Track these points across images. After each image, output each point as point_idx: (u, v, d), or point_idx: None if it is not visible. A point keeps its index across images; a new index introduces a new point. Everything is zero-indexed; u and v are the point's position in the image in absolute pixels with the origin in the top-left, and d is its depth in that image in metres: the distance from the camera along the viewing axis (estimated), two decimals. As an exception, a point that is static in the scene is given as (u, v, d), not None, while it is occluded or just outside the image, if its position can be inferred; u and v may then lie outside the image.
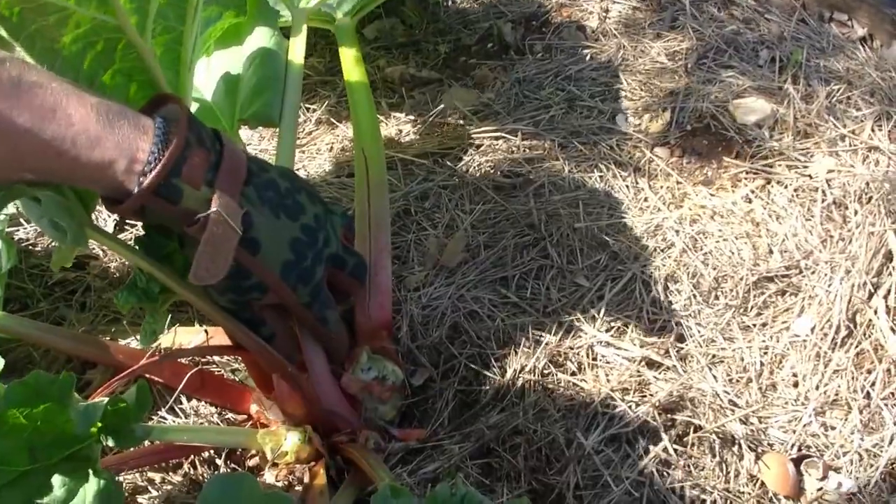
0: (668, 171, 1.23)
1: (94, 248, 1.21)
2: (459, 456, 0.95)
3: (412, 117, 1.35)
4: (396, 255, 1.13)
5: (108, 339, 1.09)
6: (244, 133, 1.38)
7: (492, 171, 1.22)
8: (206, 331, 1.03)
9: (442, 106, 1.35)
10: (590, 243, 1.12)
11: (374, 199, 1.05)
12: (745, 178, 1.22)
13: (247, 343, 0.91)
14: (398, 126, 1.34)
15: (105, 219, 1.24)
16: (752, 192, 1.19)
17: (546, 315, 1.06)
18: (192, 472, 0.97)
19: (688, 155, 1.27)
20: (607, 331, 1.04)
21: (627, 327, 1.05)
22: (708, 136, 1.29)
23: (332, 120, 1.38)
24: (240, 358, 1.03)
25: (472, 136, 1.28)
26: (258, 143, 1.39)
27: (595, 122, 1.30)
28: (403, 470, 0.95)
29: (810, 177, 1.22)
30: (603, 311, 1.06)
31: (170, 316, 1.07)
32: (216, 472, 0.96)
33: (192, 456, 0.98)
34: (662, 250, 1.12)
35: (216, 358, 1.07)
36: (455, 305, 1.07)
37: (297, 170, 1.29)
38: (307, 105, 1.42)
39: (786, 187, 1.20)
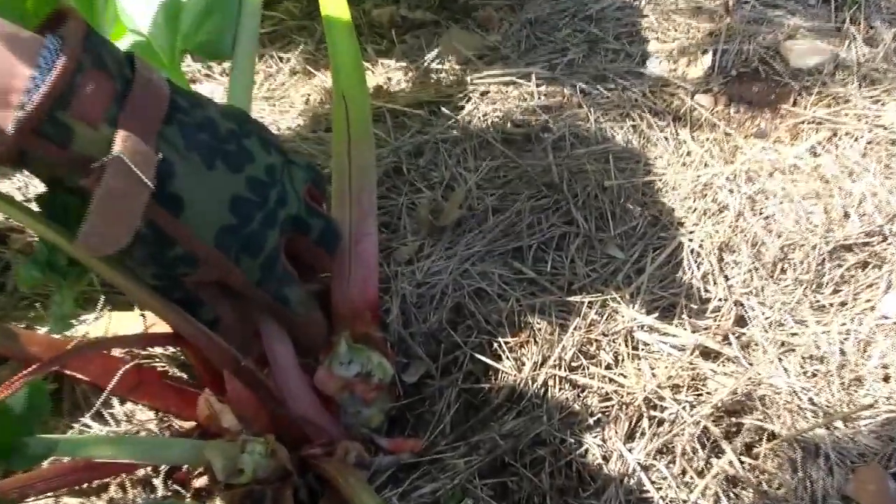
0: (713, 120, 1.02)
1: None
2: (466, 473, 0.74)
3: (403, 64, 1.14)
4: (385, 223, 0.92)
5: (23, 326, 0.87)
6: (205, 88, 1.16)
7: (500, 122, 1.01)
8: (143, 315, 0.81)
9: (439, 49, 1.13)
10: (623, 206, 0.91)
11: (356, 152, 0.83)
12: (807, 130, 1.00)
13: (184, 330, 0.69)
14: (387, 74, 1.13)
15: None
16: (819, 143, 0.98)
17: (572, 294, 0.85)
18: (120, 496, 0.75)
19: (735, 103, 1.05)
20: (649, 312, 0.83)
21: (674, 308, 0.84)
22: (758, 83, 1.08)
23: (308, 69, 1.17)
24: (185, 350, 0.81)
25: (476, 82, 1.06)
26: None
27: (622, 65, 1.08)
28: (394, 492, 0.74)
29: (884, 127, 1.00)
30: (643, 288, 0.84)
31: (102, 298, 0.85)
32: (152, 497, 0.75)
33: (123, 475, 0.77)
34: (714, 213, 0.91)
35: (160, 350, 0.85)
36: (458, 283, 0.85)
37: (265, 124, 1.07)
38: (280, 54, 1.20)
39: (857, 139, 0.98)
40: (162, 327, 0.79)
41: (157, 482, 0.76)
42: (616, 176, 0.93)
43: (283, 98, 1.13)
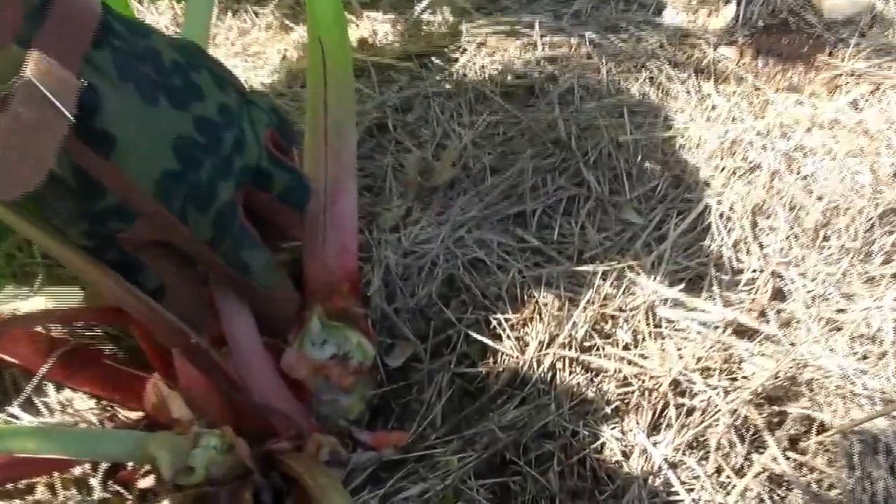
0: (740, 73, 0.90)
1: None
2: (460, 472, 0.62)
3: (391, 16, 1.02)
4: (367, 186, 0.80)
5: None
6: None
7: (499, 74, 0.89)
8: (83, 288, 0.70)
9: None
10: (641, 165, 0.79)
11: (333, 101, 0.71)
12: (847, 83, 0.89)
13: (125, 301, 0.58)
14: (373, 27, 1.01)
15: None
16: (861, 97, 0.86)
17: (582, 264, 0.73)
18: (48, 498, 0.63)
19: (763, 56, 0.94)
20: (672, 285, 0.71)
21: (702, 280, 0.72)
22: (787, 35, 0.96)
23: (286, 23, 1.05)
24: (129, 327, 0.69)
25: (472, 32, 0.95)
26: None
27: (636, 15, 0.97)
28: (373, 494, 0.62)
29: (932, 82, 0.89)
30: (666, 257, 0.73)
31: (41, 271, 0.74)
32: (86, 499, 0.63)
33: (55, 473, 0.65)
34: (745, 173, 0.79)
35: (106, 330, 0.73)
36: (450, 252, 0.73)
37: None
38: (255, 8, 1.08)
39: (902, 94, 0.87)
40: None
41: (95, 482, 0.64)
42: (632, 131, 0.81)
43: (258, 54, 1.01)
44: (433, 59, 0.91)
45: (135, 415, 0.69)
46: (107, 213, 0.53)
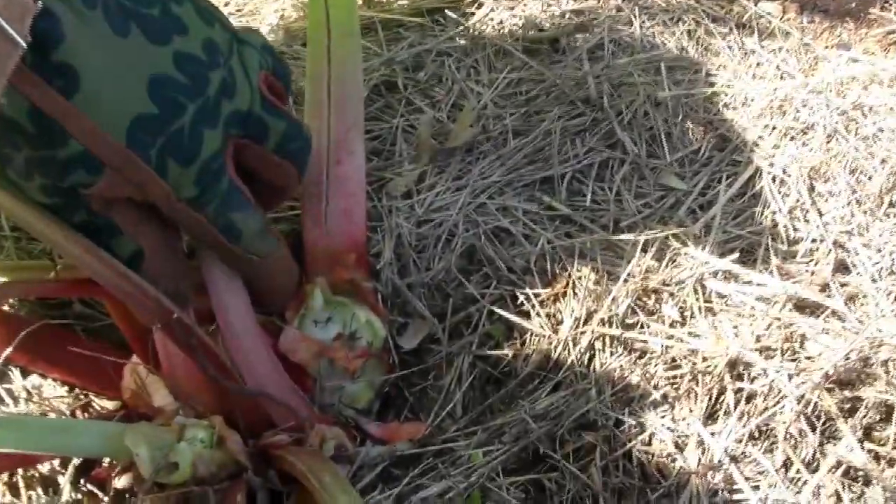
0: (785, 29, 0.82)
1: None
2: (486, 468, 0.54)
3: (400, -27, 0.93)
4: (374, 150, 0.71)
5: None
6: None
7: (521, 29, 0.80)
8: (52, 259, 0.61)
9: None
10: (683, 125, 0.71)
11: (338, 50, 0.62)
12: (903, 39, 0.81)
13: (97, 271, 0.49)
14: (379, -16, 0.92)
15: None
16: (921, 53, 0.78)
17: (620, 233, 0.65)
18: (10, 500, 0.55)
19: (809, 12, 0.85)
20: (722, 255, 0.63)
21: (755, 250, 0.64)
22: (833, -10, 0.88)
23: (285, -18, 0.96)
24: (104, 303, 0.61)
25: (490, -14, 0.86)
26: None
27: (668, -30, 0.88)
28: (386, 494, 0.54)
29: None
30: (715, 225, 0.64)
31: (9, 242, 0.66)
32: (54, 500, 0.55)
33: (18, 471, 0.56)
34: (798, 133, 0.71)
35: (81, 308, 0.65)
36: (470, 220, 0.65)
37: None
38: (251, -32, 1.00)
39: (965, 51, 0.79)
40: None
41: (64, 481, 0.56)
42: (670, 88, 0.73)
43: (254, 14, 0.92)
44: (447, 13, 0.82)
45: (111, 404, 0.61)
46: (69, 163, 0.44)
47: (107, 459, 0.58)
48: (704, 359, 0.57)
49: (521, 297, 0.61)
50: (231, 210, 0.51)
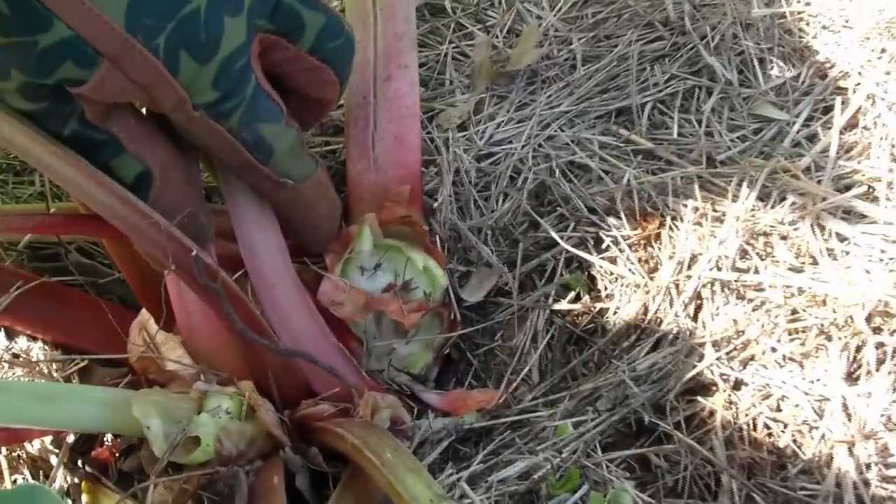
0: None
1: None
2: (578, 442, 0.43)
3: None
4: (421, 80, 0.61)
5: None
6: None
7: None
8: (48, 199, 0.51)
9: None
10: (780, 48, 0.61)
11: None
12: None
13: (90, 197, 0.39)
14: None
15: None
16: None
17: (714, 167, 0.55)
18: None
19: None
20: (838, 191, 0.53)
21: (875, 186, 0.54)
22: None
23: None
24: (104, 244, 0.50)
25: None
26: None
27: None
28: (456, 475, 0.43)
29: None
30: (832, 157, 0.54)
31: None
32: (45, 483, 0.44)
33: (2, 451, 0.46)
34: (913, 57, 0.61)
35: (81, 259, 0.54)
36: (540, 153, 0.55)
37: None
38: None
39: None
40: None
41: (57, 462, 0.45)
42: (762, 7, 0.63)
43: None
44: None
45: (115, 371, 0.50)
46: (54, 53, 0.34)
47: (108, 436, 0.48)
48: (837, 308, 0.47)
49: (608, 241, 0.51)
50: (259, 120, 0.41)
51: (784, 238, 0.51)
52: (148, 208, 0.40)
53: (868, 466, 0.42)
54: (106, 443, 0.48)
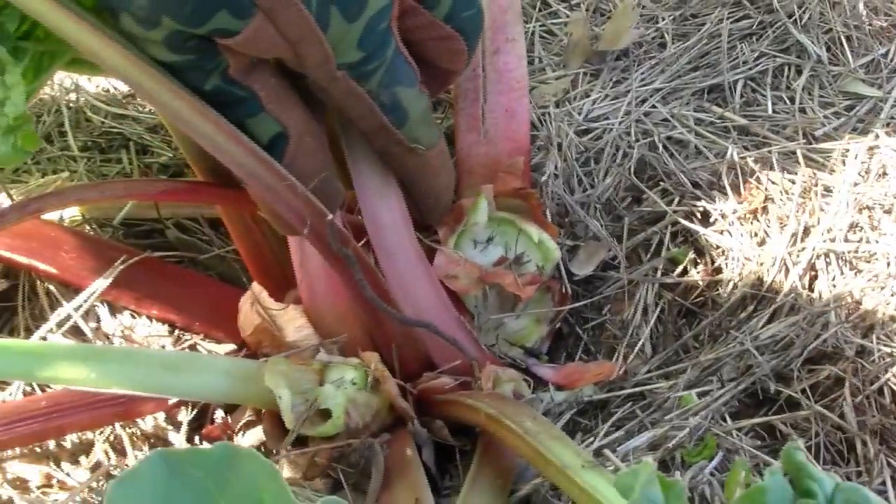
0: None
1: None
2: (706, 411, 0.43)
3: None
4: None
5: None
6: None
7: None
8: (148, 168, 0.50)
9: None
10: (867, 26, 0.61)
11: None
12: None
13: (228, 153, 0.38)
14: None
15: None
16: None
17: (809, 142, 0.55)
18: (109, 462, 0.43)
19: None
20: (940, 168, 0.53)
21: (977, 162, 0.54)
22: None
23: None
24: (221, 210, 0.50)
25: None
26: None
27: None
28: (585, 445, 0.43)
29: None
30: (928, 131, 0.55)
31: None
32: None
33: (115, 424, 0.45)
34: None
35: (185, 236, 0.54)
36: (640, 128, 0.55)
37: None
38: None
39: None
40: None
41: (178, 437, 0.45)
42: (847, -14, 0.63)
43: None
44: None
45: (222, 347, 0.50)
46: (212, 1, 0.34)
47: (220, 412, 0.47)
48: (954, 279, 0.47)
49: (715, 214, 0.51)
50: (398, 83, 0.40)
51: (888, 212, 0.51)
52: (284, 171, 0.39)
53: None
54: (216, 419, 0.47)
